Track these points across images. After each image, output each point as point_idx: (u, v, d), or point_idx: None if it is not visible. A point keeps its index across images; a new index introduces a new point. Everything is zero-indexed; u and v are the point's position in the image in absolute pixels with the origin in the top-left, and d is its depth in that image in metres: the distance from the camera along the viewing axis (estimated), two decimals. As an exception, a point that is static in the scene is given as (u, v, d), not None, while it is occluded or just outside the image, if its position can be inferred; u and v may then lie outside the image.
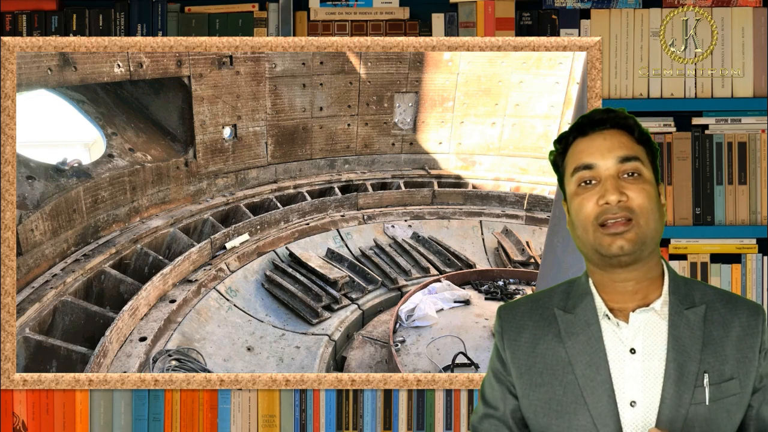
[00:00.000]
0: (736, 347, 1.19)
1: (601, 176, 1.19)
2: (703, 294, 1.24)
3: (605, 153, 1.20)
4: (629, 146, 1.21)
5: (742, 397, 1.19)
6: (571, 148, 1.26)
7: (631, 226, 1.16)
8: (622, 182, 1.18)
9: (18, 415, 2.33)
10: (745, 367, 1.19)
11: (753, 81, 2.41)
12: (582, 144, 1.24)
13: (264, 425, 2.35)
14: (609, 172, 1.19)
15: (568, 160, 1.25)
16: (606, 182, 1.18)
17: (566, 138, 1.27)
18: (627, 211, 1.16)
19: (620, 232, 1.16)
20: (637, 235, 1.17)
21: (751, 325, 1.21)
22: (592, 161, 1.20)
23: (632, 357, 1.18)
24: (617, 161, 1.19)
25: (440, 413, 2.36)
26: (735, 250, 2.38)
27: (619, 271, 1.20)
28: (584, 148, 1.23)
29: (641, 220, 1.17)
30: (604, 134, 1.22)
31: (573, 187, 1.23)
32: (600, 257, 1.20)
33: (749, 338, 1.20)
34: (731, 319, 1.21)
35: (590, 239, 1.19)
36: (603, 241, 1.17)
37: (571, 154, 1.25)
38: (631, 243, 1.16)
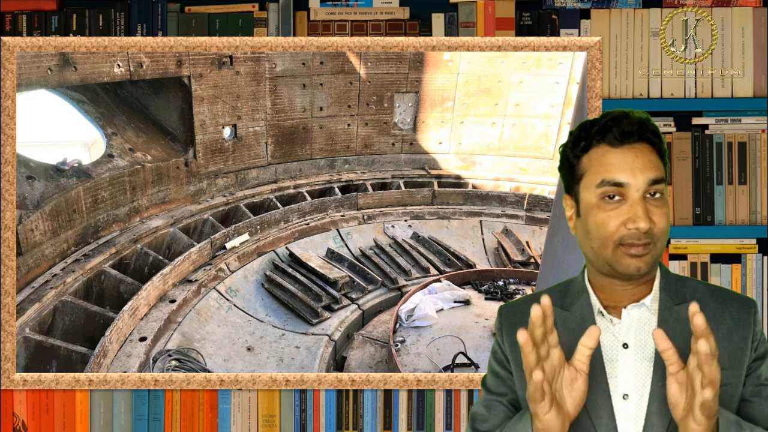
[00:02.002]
0: (726, 339, 1.21)
1: (628, 196, 1.17)
2: (695, 290, 1.25)
3: (637, 172, 1.17)
4: (657, 165, 1.19)
5: (734, 387, 1.20)
6: (594, 153, 1.21)
7: (649, 249, 1.17)
8: (648, 205, 1.17)
9: (18, 415, 2.33)
10: (736, 359, 1.20)
11: (753, 81, 2.41)
12: (611, 156, 1.19)
13: (264, 425, 2.35)
14: (638, 194, 1.17)
15: (590, 166, 1.21)
16: (636, 206, 1.16)
17: (588, 138, 1.22)
18: (650, 237, 1.17)
19: (640, 254, 1.17)
20: (653, 258, 1.18)
21: (742, 317, 1.23)
22: (623, 180, 1.17)
23: (625, 352, 1.21)
24: (648, 183, 1.17)
25: (440, 413, 2.36)
26: (735, 250, 2.38)
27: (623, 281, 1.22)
28: (615, 163, 1.18)
29: (659, 243, 1.18)
30: (635, 150, 1.19)
31: (594, 198, 1.20)
32: (611, 270, 1.21)
33: (740, 330, 1.22)
34: (722, 313, 1.23)
35: (608, 255, 1.19)
36: (622, 260, 1.18)
37: (597, 161, 1.20)
38: (647, 265, 1.18)
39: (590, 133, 1.22)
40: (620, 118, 1.20)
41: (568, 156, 1.25)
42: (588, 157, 1.22)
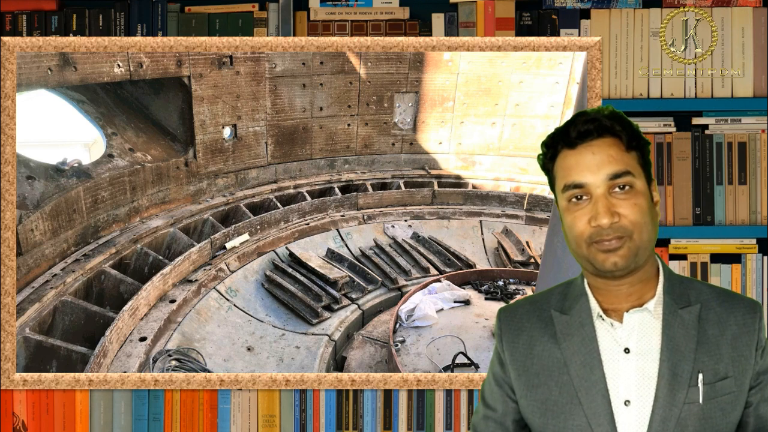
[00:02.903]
0: (731, 346, 1.19)
1: (592, 193, 1.17)
2: (699, 293, 1.23)
3: (594, 170, 1.16)
4: (618, 159, 1.17)
5: (738, 396, 1.19)
6: (560, 158, 1.22)
7: (623, 242, 1.15)
8: (614, 199, 1.16)
9: (18, 415, 2.33)
10: (741, 366, 1.19)
11: (753, 81, 2.41)
12: (570, 159, 1.19)
13: (264, 425, 2.35)
14: (599, 190, 1.16)
15: (557, 172, 1.22)
16: (597, 203, 1.15)
17: (554, 145, 1.23)
18: (620, 231, 1.15)
19: (613, 248, 1.15)
20: (629, 250, 1.16)
21: (747, 323, 1.21)
22: (581, 180, 1.17)
23: (626, 357, 1.19)
24: (607, 179, 1.16)
25: (440, 413, 2.36)
26: (735, 250, 2.38)
27: (612, 279, 1.21)
28: (572, 165, 1.19)
29: (635, 235, 1.16)
30: (592, 147, 1.18)
31: (564, 202, 1.21)
32: (593, 268, 1.20)
33: (745, 336, 1.20)
34: (727, 318, 1.21)
35: (584, 254, 1.18)
36: (597, 257, 1.17)
37: (560, 166, 1.21)
38: (624, 259, 1.16)
39: (555, 138, 1.23)
40: (576, 118, 1.20)
41: (546, 164, 1.26)
42: (556, 164, 1.23)
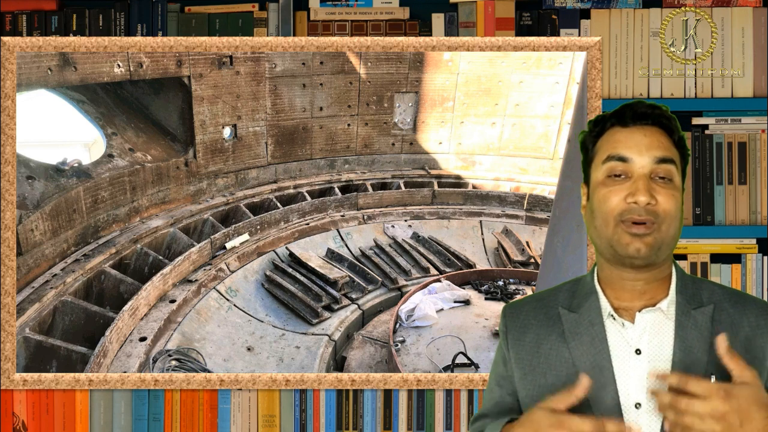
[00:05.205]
0: (744, 348, 1.17)
1: (633, 173, 1.16)
2: (711, 293, 1.21)
3: (643, 150, 1.17)
4: (667, 147, 1.18)
5: None
6: (607, 135, 1.22)
7: (652, 230, 1.14)
8: (654, 184, 1.15)
9: (18, 415, 2.33)
10: (754, 368, 1.15)
11: (753, 81, 2.41)
12: (620, 134, 1.20)
13: (264, 425, 2.35)
14: (643, 170, 1.16)
15: (602, 145, 1.22)
16: (638, 181, 1.15)
17: (603, 122, 1.23)
18: (652, 215, 1.14)
19: (641, 234, 1.14)
20: (655, 240, 1.15)
21: (760, 324, 1.19)
22: (628, 155, 1.17)
23: (637, 358, 1.16)
24: (654, 161, 1.16)
25: (440, 413, 2.36)
26: (735, 250, 2.38)
27: (630, 270, 1.19)
28: (622, 139, 1.19)
29: (663, 225, 1.15)
30: (644, 130, 1.19)
31: (601, 176, 1.19)
32: (613, 253, 1.18)
33: (758, 338, 1.18)
34: (740, 320, 1.19)
35: (609, 233, 1.17)
36: (622, 238, 1.15)
37: (606, 140, 1.21)
38: (648, 247, 1.15)
39: (606, 117, 1.23)
40: (636, 103, 1.22)
41: (586, 141, 1.26)
42: (602, 139, 1.22)
